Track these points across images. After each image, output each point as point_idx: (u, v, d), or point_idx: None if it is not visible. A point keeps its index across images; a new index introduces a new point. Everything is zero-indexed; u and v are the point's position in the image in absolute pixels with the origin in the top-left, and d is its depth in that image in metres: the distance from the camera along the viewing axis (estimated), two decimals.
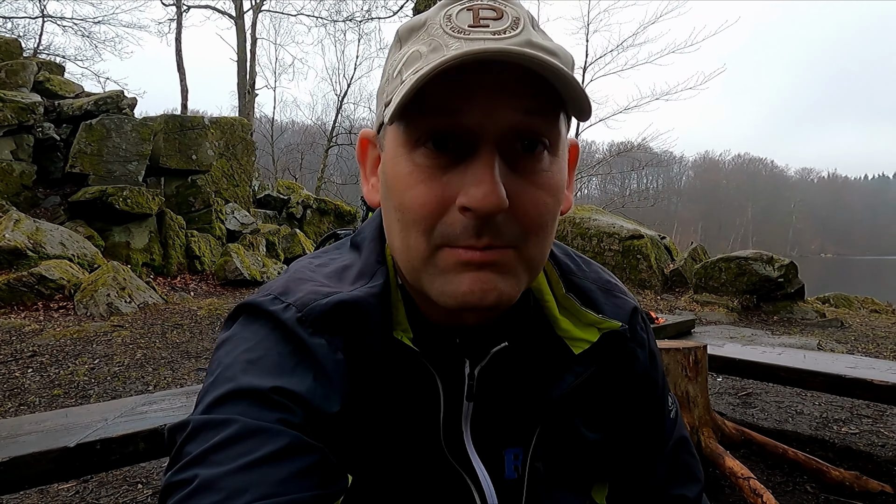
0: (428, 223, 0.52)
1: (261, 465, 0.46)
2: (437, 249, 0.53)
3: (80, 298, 6.03)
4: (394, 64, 0.55)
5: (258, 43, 20.05)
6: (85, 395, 3.80)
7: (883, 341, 5.98)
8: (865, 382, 2.44)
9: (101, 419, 1.67)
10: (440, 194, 0.52)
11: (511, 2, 0.54)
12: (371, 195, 0.63)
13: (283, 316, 0.55)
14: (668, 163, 46.80)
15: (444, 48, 0.50)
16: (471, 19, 0.51)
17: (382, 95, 0.57)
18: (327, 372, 0.53)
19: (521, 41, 0.50)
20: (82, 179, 8.39)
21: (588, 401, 0.67)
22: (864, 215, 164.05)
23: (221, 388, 0.51)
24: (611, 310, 0.68)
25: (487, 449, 0.63)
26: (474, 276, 0.53)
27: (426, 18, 0.54)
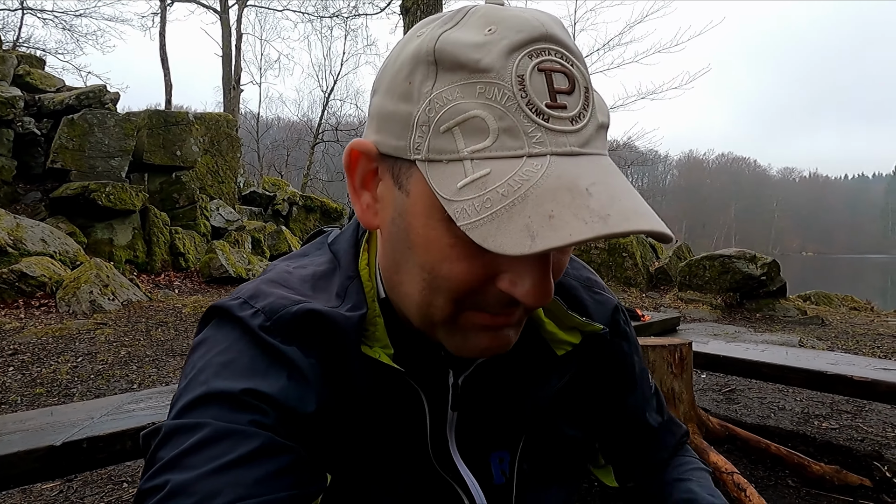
0: (462, 295, 0.51)
1: (234, 467, 0.46)
2: (463, 312, 0.53)
3: (63, 296, 5.94)
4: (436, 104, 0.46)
5: (244, 38, 19.87)
6: (68, 393, 3.75)
7: (862, 338, 6.10)
8: (846, 378, 2.49)
9: (88, 417, 1.65)
10: (482, 273, 0.49)
11: (575, 56, 0.49)
12: (367, 217, 0.56)
13: (251, 322, 0.54)
14: (653, 162, 47.19)
15: (524, 136, 0.45)
16: (546, 92, 0.46)
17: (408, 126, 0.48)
18: (302, 372, 0.53)
19: (593, 130, 0.48)
20: (64, 175, 8.27)
21: (571, 399, 0.68)
22: (843, 214, 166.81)
23: (193, 392, 0.51)
24: (594, 307, 0.70)
25: (473, 455, 0.64)
26: (493, 335, 0.54)
27: (489, 66, 0.45)
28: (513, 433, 0.65)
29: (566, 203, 0.43)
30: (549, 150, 0.45)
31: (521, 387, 0.65)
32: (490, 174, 0.44)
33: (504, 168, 0.44)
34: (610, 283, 9.10)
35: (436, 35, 0.48)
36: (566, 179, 0.44)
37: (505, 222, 0.43)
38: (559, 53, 0.47)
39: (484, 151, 0.45)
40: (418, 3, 8.44)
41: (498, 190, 0.44)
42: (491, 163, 0.45)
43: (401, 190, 0.51)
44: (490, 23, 0.47)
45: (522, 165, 0.44)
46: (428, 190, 0.48)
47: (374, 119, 0.53)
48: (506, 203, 0.43)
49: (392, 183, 0.52)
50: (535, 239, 0.42)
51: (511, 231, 0.43)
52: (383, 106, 0.52)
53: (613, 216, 0.42)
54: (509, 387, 0.65)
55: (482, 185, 0.44)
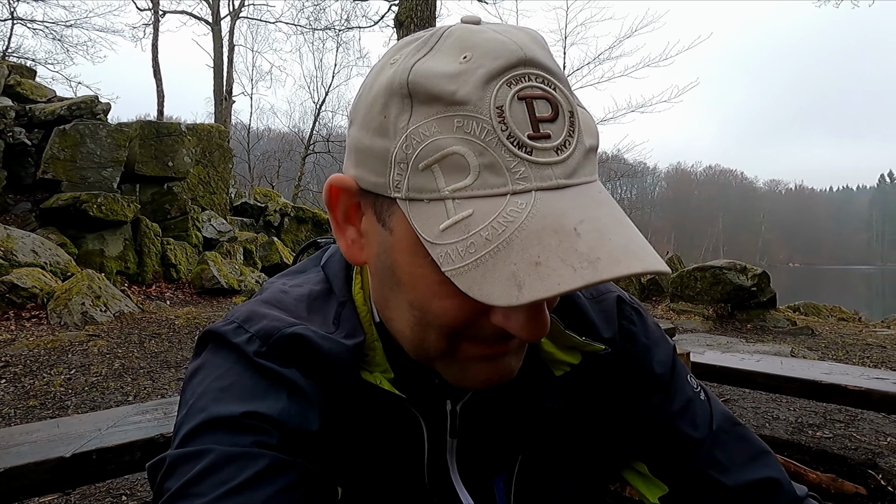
0: (455, 330, 0.50)
1: (242, 490, 0.46)
2: (458, 344, 0.51)
3: (54, 307, 5.89)
4: (413, 140, 0.44)
5: (235, 49, 19.92)
6: (62, 406, 3.71)
7: (851, 348, 6.18)
8: (841, 388, 2.53)
9: (95, 429, 1.65)
10: (474, 309, 0.47)
11: (557, 78, 0.46)
12: (353, 253, 0.55)
13: (247, 349, 0.54)
14: (642, 174, 47.60)
15: (506, 172, 0.43)
16: (528, 122, 0.43)
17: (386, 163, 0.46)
18: (303, 391, 0.52)
19: (580, 157, 0.46)
20: (55, 186, 8.20)
21: (572, 415, 0.65)
22: (829, 226, 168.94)
23: (194, 419, 0.50)
24: (599, 318, 0.66)
25: (476, 480, 0.63)
26: (493, 364, 0.53)
27: (465, 97, 0.43)
28: (512, 456, 0.63)
29: (553, 247, 0.41)
30: (534, 186, 0.43)
31: (518, 409, 0.63)
32: (472, 216, 0.43)
33: (487, 208, 0.43)
34: None
35: (409, 65, 0.46)
36: (552, 219, 0.42)
37: (490, 270, 0.41)
38: (540, 78, 0.45)
39: (465, 190, 0.43)
40: (412, 17, 8.52)
41: (482, 233, 0.42)
42: (473, 203, 0.43)
43: (384, 227, 0.50)
44: (465, 49, 0.45)
45: (506, 205, 0.42)
46: (411, 228, 0.46)
47: (352, 153, 0.52)
48: (490, 248, 0.42)
49: (375, 219, 0.51)
50: (521, 289, 0.40)
51: (497, 280, 0.41)
52: (360, 140, 0.50)
53: (603, 259, 0.40)
54: (507, 410, 0.63)
55: (465, 227, 0.43)
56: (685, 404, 0.68)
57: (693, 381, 0.71)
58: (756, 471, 0.66)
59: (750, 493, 0.65)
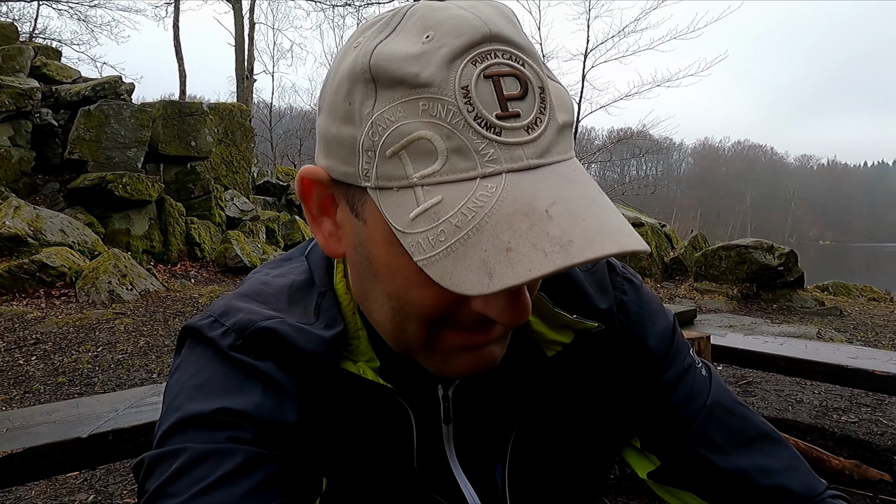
0: (435, 319, 0.49)
1: (219, 486, 0.46)
2: (439, 333, 0.50)
3: (82, 286, 6.03)
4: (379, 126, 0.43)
5: (256, 27, 19.87)
6: (89, 382, 3.82)
7: (882, 330, 6.02)
8: (867, 373, 2.46)
9: (112, 409, 1.68)
10: (452, 297, 0.45)
11: (526, 52, 0.44)
12: (330, 246, 0.53)
13: (221, 343, 0.53)
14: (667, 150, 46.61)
15: (475, 155, 0.41)
16: (495, 101, 0.42)
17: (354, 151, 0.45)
18: (279, 384, 0.52)
19: (553, 134, 0.44)
20: (81, 166, 8.36)
21: (566, 398, 0.63)
22: (862, 202, 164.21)
23: (170, 419, 0.51)
24: (595, 290, 0.63)
25: (476, 466, 0.62)
26: (475, 354, 0.51)
27: (429, 79, 0.41)
28: (506, 441, 0.62)
29: (524, 231, 0.40)
30: (504, 168, 0.41)
31: (510, 392, 0.61)
32: (442, 202, 0.41)
33: (456, 194, 0.41)
34: None
35: (371, 48, 0.44)
36: (523, 203, 0.40)
37: (461, 258, 0.40)
38: (507, 54, 0.43)
39: (434, 176, 0.42)
40: None
41: (451, 221, 0.41)
42: (442, 188, 0.42)
43: (358, 218, 0.48)
44: (427, 28, 0.43)
45: (475, 189, 0.41)
46: (384, 218, 0.45)
47: (321, 142, 0.50)
48: (460, 236, 0.41)
49: (349, 210, 0.49)
50: (492, 277, 0.39)
51: (468, 268, 0.40)
52: (328, 129, 0.48)
53: (577, 242, 0.39)
54: (500, 393, 0.61)
55: (435, 215, 0.41)
56: (680, 375, 0.65)
57: (694, 355, 0.68)
58: (752, 456, 0.63)
59: (743, 478, 0.62)
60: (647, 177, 49.02)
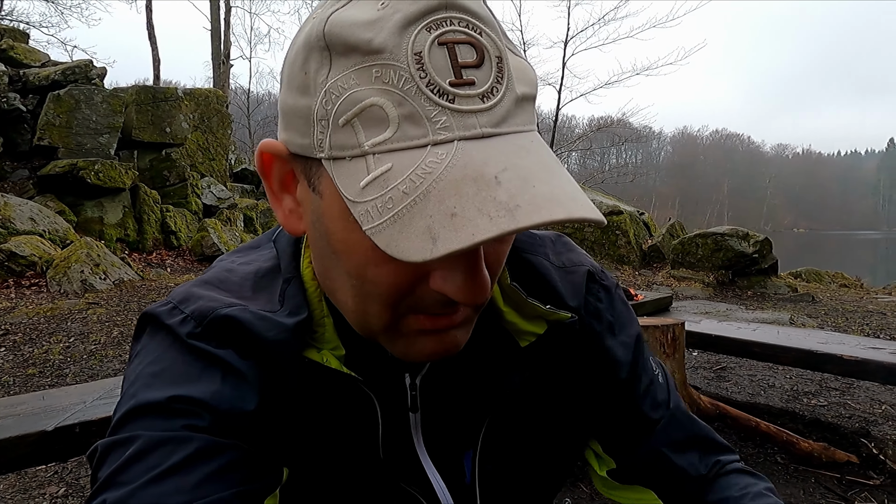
0: (395, 298, 0.47)
1: (172, 474, 0.45)
2: (402, 316, 0.49)
3: (53, 275, 5.90)
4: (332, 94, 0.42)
5: (232, 11, 19.47)
6: (61, 374, 3.74)
7: (851, 315, 6.16)
8: (836, 357, 2.51)
9: (80, 401, 1.64)
10: (411, 274, 0.45)
11: (483, 21, 0.43)
12: (291, 223, 0.52)
13: (180, 330, 0.52)
14: (647, 138, 46.95)
15: (426, 122, 0.40)
16: (449, 68, 0.40)
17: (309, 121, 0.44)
18: (239, 372, 0.51)
19: (510, 104, 0.42)
20: (51, 152, 8.14)
21: (541, 391, 0.64)
22: (835, 191, 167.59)
23: (125, 406, 0.49)
24: (565, 288, 0.64)
25: (445, 456, 0.61)
26: (438, 338, 0.50)
27: (381, 45, 0.40)
28: (477, 431, 0.62)
29: (470, 197, 0.38)
30: (457, 136, 0.40)
31: (482, 382, 0.61)
32: (392, 169, 0.40)
33: (406, 161, 0.40)
34: (603, 260, 9.13)
35: (326, 16, 0.43)
36: (472, 168, 0.39)
37: (407, 224, 0.39)
38: (463, 21, 0.42)
39: (385, 144, 0.41)
40: None
41: (399, 187, 0.40)
42: (393, 156, 0.40)
43: (315, 192, 0.47)
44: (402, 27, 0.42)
45: (426, 156, 0.40)
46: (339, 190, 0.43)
47: (281, 116, 0.49)
48: (407, 202, 0.39)
49: (307, 185, 0.47)
50: (436, 242, 0.38)
51: (413, 234, 0.39)
52: (286, 101, 0.47)
53: (523, 207, 0.38)
54: (471, 382, 0.61)
55: (384, 182, 0.40)
56: (649, 383, 0.69)
57: (653, 362, 0.72)
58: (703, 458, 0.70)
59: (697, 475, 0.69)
60: (626, 165, 49.34)
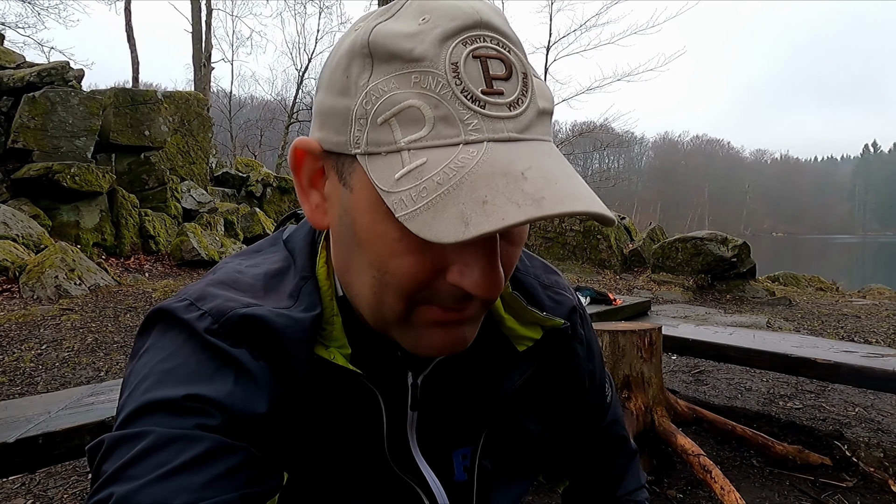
0: (412, 290, 0.50)
1: (180, 472, 0.45)
2: (415, 308, 0.52)
3: (26, 281, 5.77)
4: (372, 96, 0.46)
5: (214, 14, 19.31)
6: (32, 382, 3.66)
7: (827, 318, 6.26)
8: (810, 361, 2.54)
9: (44, 412, 1.60)
10: (431, 266, 0.49)
11: (513, 42, 0.48)
12: (316, 217, 0.55)
13: (198, 325, 0.53)
14: (629, 143, 47.39)
15: (460, 124, 0.44)
16: (482, 78, 0.45)
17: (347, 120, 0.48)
18: (251, 374, 0.51)
19: (533, 116, 0.47)
20: (26, 155, 7.97)
21: (531, 395, 0.68)
22: (813, 196, 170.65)
23: (136, 401, 0.49)
24: (552, 307, 0.69)
25: (435, 453, 0.64)
26: (447, 331, 0.53)
27: (422, 54, 0.45)
28: (474, 430, 0.65)
29: (500, 188, 0.42)
30: (486, 137, 0.44)
31: (482, 383, 0.64)
32: (426, 163, 0.44)
33: (440, 157, 0.44)
34: (585, 265, 9.18)
35: (370, 27, 0.48)
36: (501, 165, 0.43)
37: (440, 210, 0.43)
38: (495, 40, 0.47)
39: (420, 141, 0.45)
40: None
41: (434, 178, 0.43)
42: (427, 152, 0.44)
43: (345, 186, 0.50)
44: (424, 12, 0.47)
45: (458, 153, 0.44)
46: (370, 184, 0.47)
47: (317, 116, 0.53)
48: (441, 191, 0.43)
49: (337, 180, 0.51)
50: (468, 225, 0.41)
51: (446, 219, 0.42)
52: (324, 102, 0.51)
53: (548, 199, 0.42)
54: (470, 384, 0.64)
55: (418, 174, 0.44)
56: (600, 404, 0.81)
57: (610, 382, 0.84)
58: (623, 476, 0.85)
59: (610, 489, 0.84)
60: (609, 170, 49.72)
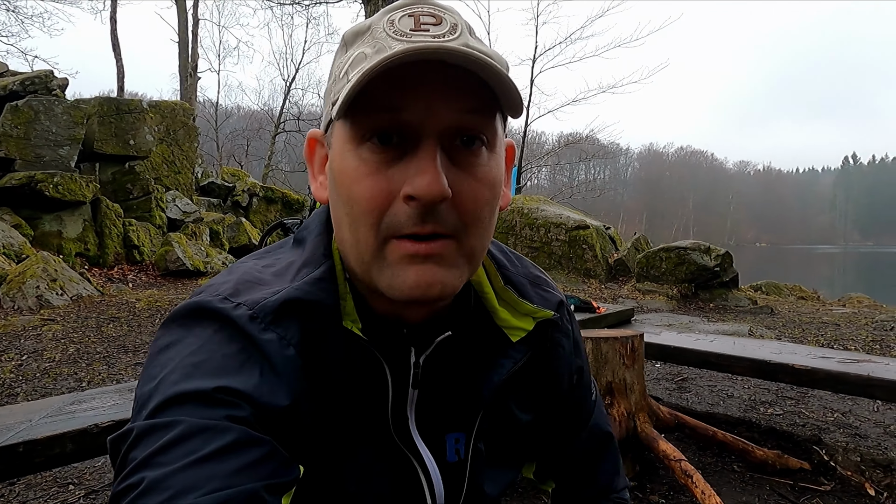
0: (376, 215, 0.55)
1: (208, 460, 0.46)
2: (385, 242, 0.56)
3: (7, 291, 5.70)
4: (340, 66, 0.58)
5: (200, 24, 19.30)
6: (11, 393, 3.61)
7: (808, 327, 6.35)
8: (788, 367, 2.59)
9: (26, 420, 1.59)
10: (386, 187, 0.55)
11: (450, 10, 0.58)
12: (319, 192, 0.65)
13: (234, 313, 0.56)
14: (614, 154, 47.98)
15: (388, 49, 0.53)
16: (412, 24, 0.55)
17: (330, 95, 0.60)
18: (275, 367, 0.54)
19: (459, 44, 0.53)
20: (8, 164, 7.89)
21: (521, 385, 0.72)
22: (795, 206, 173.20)
23: (165, 392, 0.51)
24: (540, 302, 0.73)
25: (430, 434, 0.67)
26: (420, 268, 0.56)
27: (371, 23, 0.57)
28: (469, 414, 0.68)
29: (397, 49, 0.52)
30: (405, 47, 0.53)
31: (477, 369, 0.68)
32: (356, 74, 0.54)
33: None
34: (570, 274, 9.24)
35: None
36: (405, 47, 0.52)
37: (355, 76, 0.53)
38: (431, 7, 0.57)
39: (360, 68, 0.53)
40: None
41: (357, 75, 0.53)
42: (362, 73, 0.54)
43: (329, 148, 0.61)
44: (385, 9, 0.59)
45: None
46: (342, 133, 0.57)
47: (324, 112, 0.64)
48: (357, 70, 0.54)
49: (327, 151, 0.62)
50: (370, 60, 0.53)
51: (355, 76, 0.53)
52: (326, 95, 0.62)
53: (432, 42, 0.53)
54: (466, 368, 0.68)
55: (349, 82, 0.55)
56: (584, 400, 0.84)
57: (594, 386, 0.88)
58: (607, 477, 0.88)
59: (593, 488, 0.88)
60: (594, 181, 50.10)
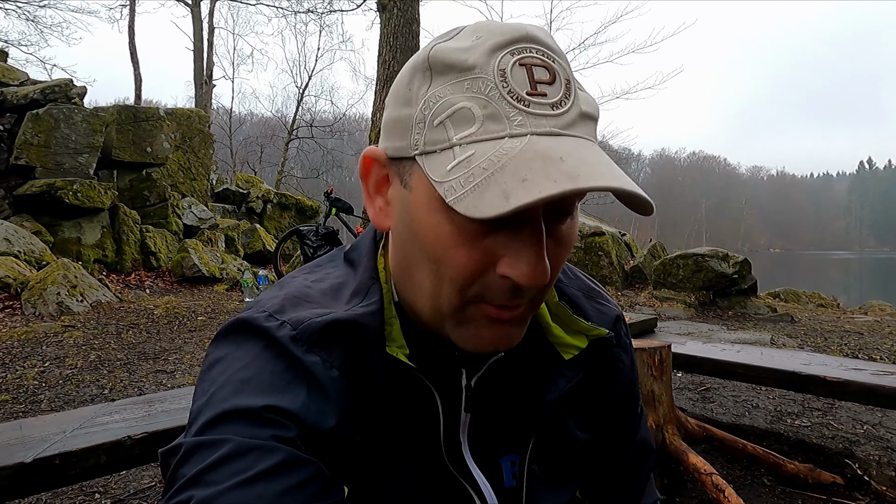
0: (466, 283, 0.54)
1: (257, 481, 0.46)
2: (469, 303, 0.55)
3: (28, 297, 5.76)
4: (429, 103, 0.51)
5: (216, 32, 19.52)
6: (35, 400, 3.63)
7: (829, 335, 6.25)
8: (819, 379, 2.54)
9: (59, 431, 1.59)
10: (482, 259, 0.53)
11: (557, 54, 0.53)
12: (380, 219, 0.61)
13: (278, 333, 0.55)
14: (627, 160, 47.67)
15: (506, 120, 0.49)
16: (527, 82, 0.50)
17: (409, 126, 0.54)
18: (322, 387, 0.54)
19: (575, 116, 0.51)
20: (28, 172, 8.00)
21: (578, 403, 0.70)
22: (809, 212, 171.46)
23: (214, 409, 0.51)
24: (596, 316, 0.72)
25: (485, 458, 0.65)
26: (499, 329, 0.56)
27: (474, 63, 0.50)
28: (523, 435, 0.67)
29: (538, 168, 0.46)
30: (529, 131, 0.49)
31: (530, 389, 0.67)
32: (474, 154, 0.49)
33: (487, 148, 0.49)
34: None
35: (430, 46, 0.54)
36: (541, 151, 0.47)
37: (484, 191, 0.47)
38: (540, 51, 0.52)
39: (470, 136, 0.49)
40: (395, 0, 8.37)
41: (480, 165, 0.48)
42: (476, 145, 0.49)
43: (405, 187, 0.55)
44: (477, 31, 0.53)
45: (503, 144, 0.48)
46: (427, 181, 0.52)
47: (384, 129, 0.58)
48: (485, 175, 0.47)
49: (399, 183, 0.57)
50: (509, 199, 0.45)
51: (489, 197, 0.46)
52: (390, 115, 0.57)
53: (583, 176, 0.46)
54: (519, 389, 0.67)
55: (467, 164, 0.49)
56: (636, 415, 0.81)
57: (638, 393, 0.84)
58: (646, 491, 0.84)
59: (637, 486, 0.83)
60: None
